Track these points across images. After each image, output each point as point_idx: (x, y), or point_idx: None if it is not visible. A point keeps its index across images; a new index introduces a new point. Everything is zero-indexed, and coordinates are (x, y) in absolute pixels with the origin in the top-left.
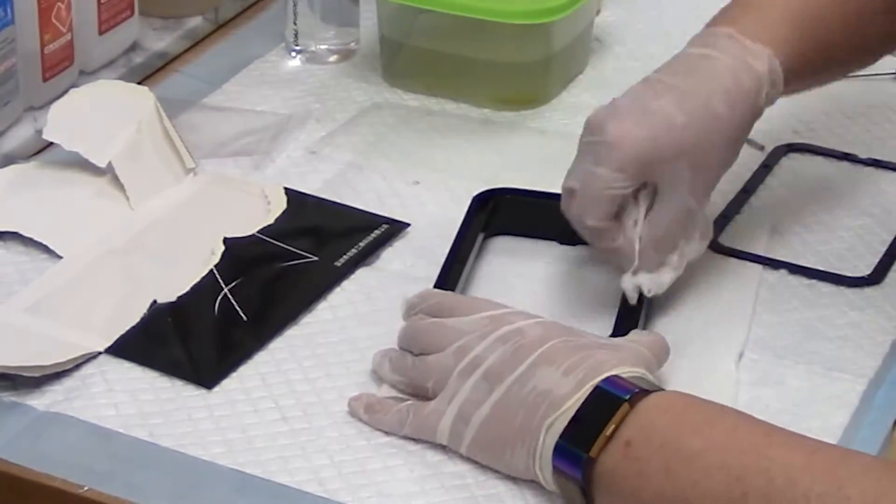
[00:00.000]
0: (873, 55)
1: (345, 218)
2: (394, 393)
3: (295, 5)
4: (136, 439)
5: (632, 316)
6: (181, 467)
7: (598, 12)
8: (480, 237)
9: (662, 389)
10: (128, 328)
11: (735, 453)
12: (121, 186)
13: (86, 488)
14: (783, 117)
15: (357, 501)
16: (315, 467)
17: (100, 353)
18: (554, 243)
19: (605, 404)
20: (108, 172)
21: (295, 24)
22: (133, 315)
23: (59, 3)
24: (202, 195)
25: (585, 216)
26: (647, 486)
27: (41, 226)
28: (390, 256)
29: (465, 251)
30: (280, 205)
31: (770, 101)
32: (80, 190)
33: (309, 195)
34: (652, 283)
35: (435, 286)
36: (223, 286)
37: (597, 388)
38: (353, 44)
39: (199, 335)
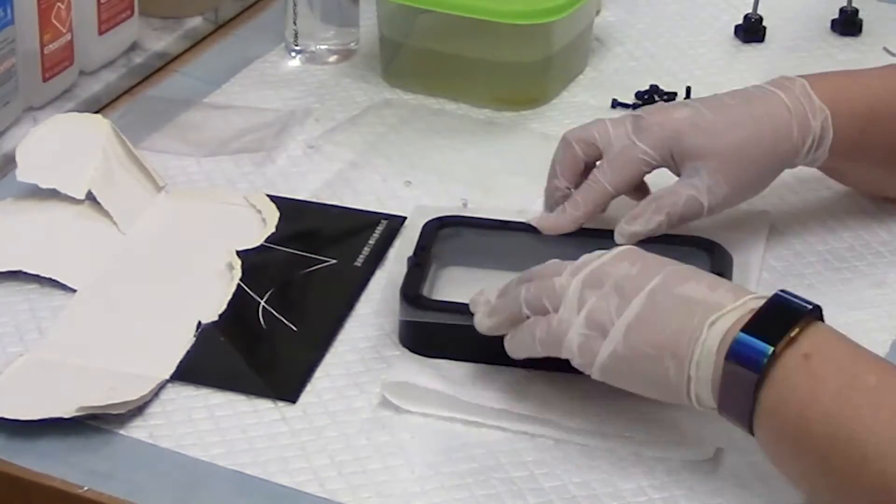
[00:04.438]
0: None
1: (342, 218)
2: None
3: (295, 5)
4: (136, 440)
5: None
6: (181, 468)
7: (598, 12)
8: (433, 268)
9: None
10: (183, 352)
11: None
12: (100, 209)
13: (86, 488)
14: None
15: (357, 502)
16: (315, 468)
17: (167, 380)
18: (505, 273)
19: (787, 310)
20: (84, 199)
21: (295, 24)
22: (183, 338)
23: (59, 4)
24: (187, 211)
25: (612, 175)
26: (816, 405)
27: (42, 261)
28: (391, 256)
29: (417, 283)
30: (272, 211)
31: (807, 159)
32: (64, 218)
33: (294, 199)
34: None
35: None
36: (258, 299)
37: (776, 295)
38: (352, 44)
39: (259, 351)
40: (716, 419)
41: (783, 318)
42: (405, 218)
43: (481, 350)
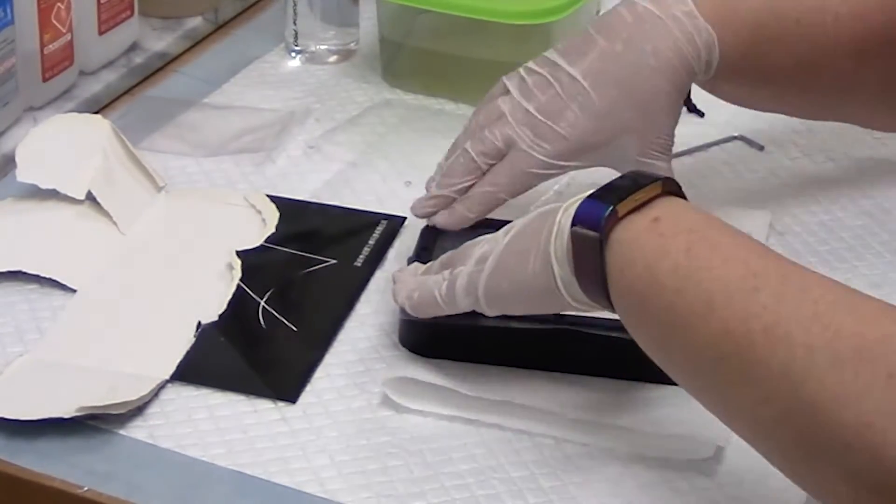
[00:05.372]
0: (826, 105)
1: (343, 219)
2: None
3: (295, 5)
4: (136, 440)
5: None
6: (181, 468)
7: (597, 12)
8: None
9: None
10: (183, 352)
11: (758, 256)
12: (100, 209)
13: (86, 488)
14: (783, 117)
15: (357, 502)
16: (315, 468)
17: (167, 380)
18: None
19: (637, 181)
20: (84, 199)
21: (295, 24)
22: (183, 338)
23: (59, 4)
24: (187, 211)
25: (508, 191)
26: (665, 259)
27: (42, 261)
28: (391, 256)
29: None
30: (272, 212)
31: (698, 80)
32: (64, 218)
33: (294, 199)
34: None
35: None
36: (258, 299)
37: (629, 172)
38: (352, 44)
39: (259, 351)
40: (715, 418)
41: (630, 184)
42: (405, 218)
43: (482, 350)
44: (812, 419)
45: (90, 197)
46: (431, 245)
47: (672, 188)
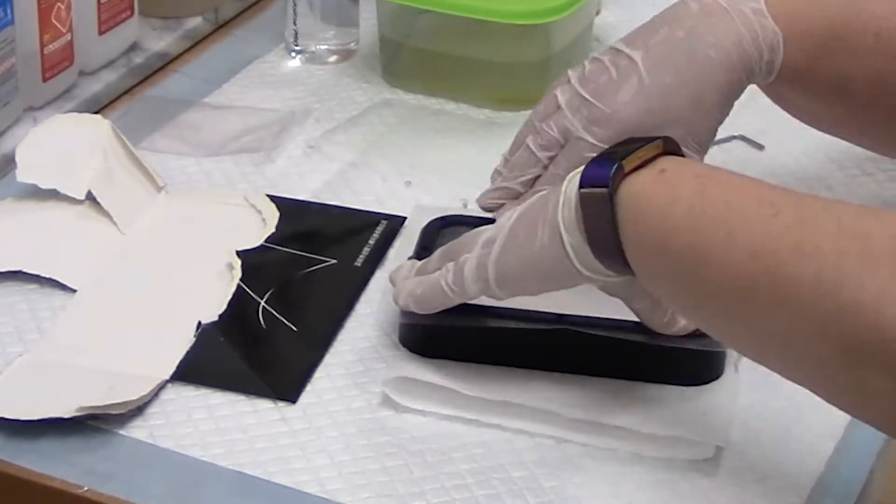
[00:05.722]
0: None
1: (343, 219)
2: None
3: (295, 5)
4: (136, 440)
5: None
6: (181, 468)
7: (597, 12)
8: None
9: None
10: (183, 353)
11: (771, 188)
12: (100, 209)
13: (86, 488)
14: (784, 117)
15: (357, 502)
16: (315, 468)
17: (167, 380)
18: None
19: (639, 143)
20: (84, 199)
21: (295, 24)
22: (183, 338)
23: (59, 4)
24: (187, 211)
25: (560, 170)
26: (678, 205)
27: (42, 261)
28: (391, 256)
29: None
30: (272, 212)
31: (757, 81)
32: (64, 218)
33: (294, 199)
34: None
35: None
36: (258, 299)
37: (628, 138)
38: (352, 44)
39: (259, 351)
40: (715, 418)
41: (632, 144)
42: (405, 218)
43: (482, 350)
44: (851, 322)
45: (90, 197)
46: (432, 245)
47: (672, 147)
